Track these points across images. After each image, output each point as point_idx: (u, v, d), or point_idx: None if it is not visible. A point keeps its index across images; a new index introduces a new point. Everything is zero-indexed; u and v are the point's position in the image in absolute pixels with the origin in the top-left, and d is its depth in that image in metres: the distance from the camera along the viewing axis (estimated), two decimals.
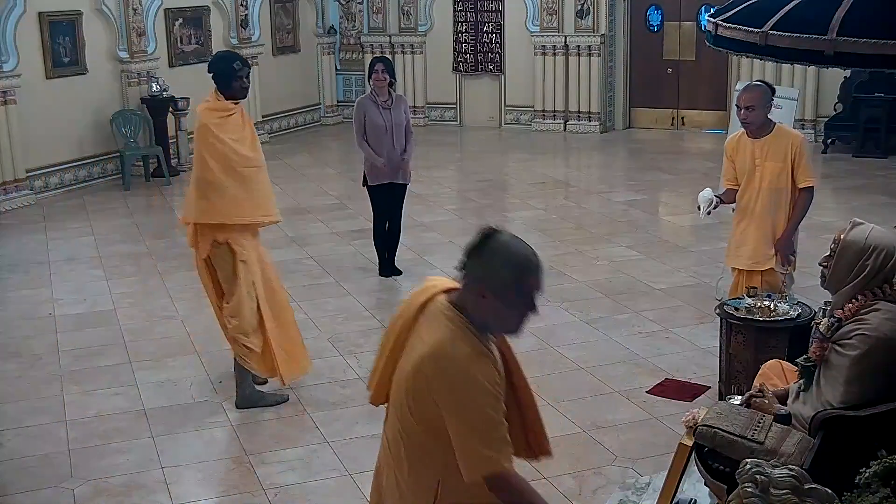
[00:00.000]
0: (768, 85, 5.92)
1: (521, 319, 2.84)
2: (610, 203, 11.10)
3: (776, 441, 3.85)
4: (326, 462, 5.33)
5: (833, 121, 13.45)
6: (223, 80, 5.82)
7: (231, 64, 5.84)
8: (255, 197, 5.84)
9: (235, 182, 5.74)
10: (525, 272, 2.78)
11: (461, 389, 2.73)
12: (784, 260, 5.91)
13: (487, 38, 15.53)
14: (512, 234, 2.86)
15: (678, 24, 14.92)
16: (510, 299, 2.78)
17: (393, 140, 8.17)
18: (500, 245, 2.79)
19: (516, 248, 2.79)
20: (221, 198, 5.72)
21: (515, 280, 2.77)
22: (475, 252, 2.80)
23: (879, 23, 3.32)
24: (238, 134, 5.83)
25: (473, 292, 2.80)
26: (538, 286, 2.81)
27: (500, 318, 2.82)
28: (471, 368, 2.74)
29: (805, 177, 5.83)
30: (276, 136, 15.35)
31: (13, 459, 5.42)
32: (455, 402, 2.74)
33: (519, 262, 2.78)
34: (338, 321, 7.44)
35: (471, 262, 2.81)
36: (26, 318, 7.70)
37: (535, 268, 2.81)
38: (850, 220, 4.09)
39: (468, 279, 2.82)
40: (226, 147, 5.73)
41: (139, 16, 12.75)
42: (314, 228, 10.13)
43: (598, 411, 5.85)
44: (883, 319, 3.84)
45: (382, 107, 8.17)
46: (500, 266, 2.76)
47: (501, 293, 2.76)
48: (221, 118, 5.80)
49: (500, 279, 2.76)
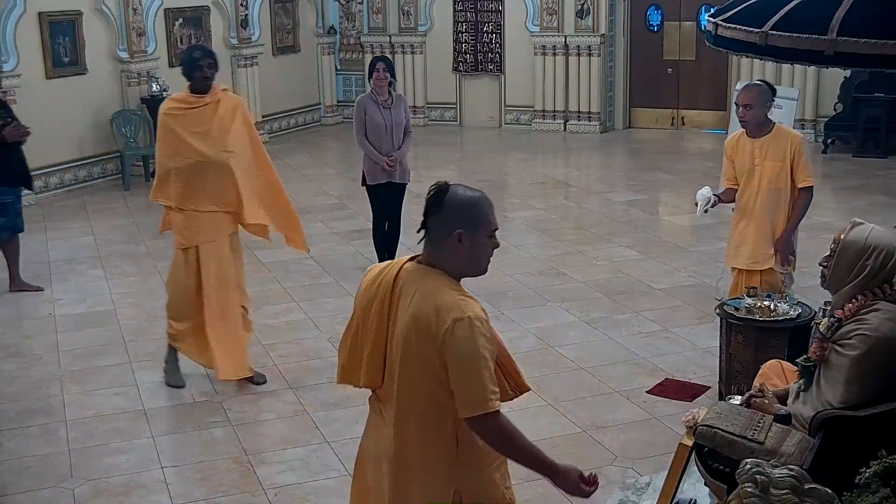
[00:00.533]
0: (768, 85, 5.92)
1: (489, 255, 3.14)
2: (610, 203, 11.10)
3: (776, 441, 3.85)
4: (326, 462, 5.33)
5: (833, 121, 13.45)
6: (186, 70, 5.99)
7: (191, 54, 6.01)
8: (206, 188, 5.95)
9: (184, 170, 5.92)
10: (487, 210, 3.10)
11: (460, 333, 2.94)
12: (784, 260, 5.91)
13: (487, 38, 15.53)
14: (460, 183, 3.16)
15: (678, 24, 14.92)
16: (482, 238, 3.07)
17: (392, 140, 8.17)
18: (459, 194, 3.08)
19: (472, 193, 3.11)
20: (168, 182, 5.97)
21: (483, 217, 3.08)
22: (438, 208, 3.05)
23: (879, 23, 3.32)
24: (201, 127, 5.94)
25: (447, 243, 3.05)
26: (496, 221, 3.14)
27: (475, 258, 3.09)
28: (466, 310, 2.97)
29: (804, 176, 5.83)
30: (276, 136, 15.35)
31: (13, 459, 5.42)
32: (455, 345, 2.94)
33: (481, 203, 3.10)
34: (338, 321, 7.43)
35: (437, 217, 3.06)
36: (26, 318, 7.70)
37: (491, 204, 3.15)
38: (850, 220, 4.09)
39: (437, 234, 3.07)
40: (176, 138, 5.91)
41: (139, 16, 12.76)
42: (314, 228, 10.11)
43: (598, 411, 5.85)
44: (883, 319, 3.84)
45: (383, 106, 8.16)
46: (468, 210, 3.06)
47: (475, 233, 3.05)
48: (181, 110, 5.96)
49: (471, 221, 3.05)
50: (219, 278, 6.07)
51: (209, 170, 5.92)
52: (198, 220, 6.00)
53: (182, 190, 5.95)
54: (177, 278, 6.12)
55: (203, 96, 5.97)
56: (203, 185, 5.94)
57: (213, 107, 5.97)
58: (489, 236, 3.10)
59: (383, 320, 3.15)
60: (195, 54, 5.99)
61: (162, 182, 6.03)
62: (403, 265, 3.17)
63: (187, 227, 6.03)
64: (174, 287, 6.17)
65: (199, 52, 6.02)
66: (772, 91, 5.88)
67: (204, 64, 5.91)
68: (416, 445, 3.12)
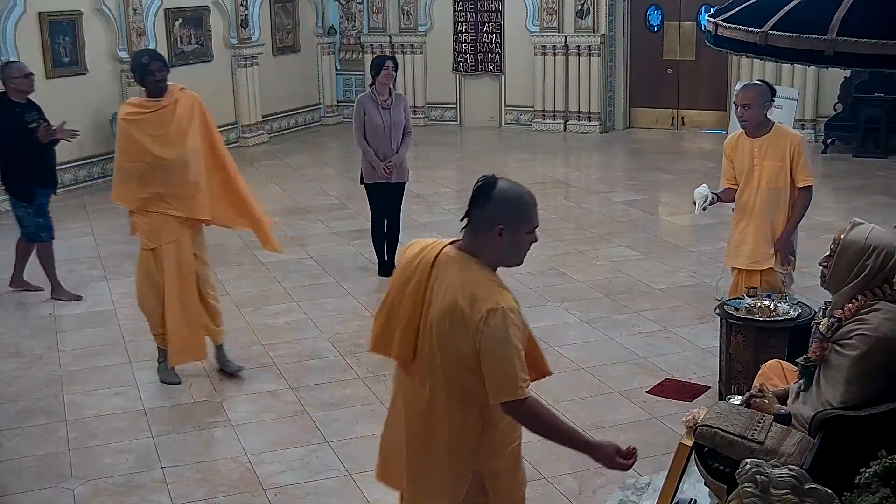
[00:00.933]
0: (768, 85, 5.92)
1: (527, 249, 3.27)
2: (610, 203, 11.10)
3: (776, 441, 3.85)
4: (326, 462, 5.33)
5: (833, 121, 13.45)
6: (138, 77, 6.09)
7: (140, 59, 6.09)
8: (166, 191, 6.02)
9: (143, 174, 6.00)
10: (531, 208, 3.23)
11: (493, 322, 3.06)
12: (784, 259, 5.91)
13: (487, 38, 15.53)
14: (508, 179, 3.26)
15: (678, 24, 14.92)
16: (522, 234, 3.20)
17: (391, 140, 8.19)
18: (506, 189, 3.19)
19: (519, 189, 3.23)
20: (128, 185, 6.07)
21: (526, 215, 3.20)
22: (484, 200, 3.16)
23: (879, 23, 3.32)
24: (160, 131, 6.00)
25: (487, 235, 3.16)
26: (537, 218, 3.28)
27: (513, 251, 3.22)
28: (500, 301, 3.10)
29: (804, 176, 5.82)
30: (276, 136, 15.36)
31: (13, 459, 5.42)
32: (489, 335, 3.07)
33: (525, 201, 3.22)
34: (338, 321, 7.44)
35: (482, 210, 3.17)
36: (26, 318, 7.70)
37: (535, 202, 3.27)
38: (850, 220, 4.09)
39: (479, 225, 3.18)
40: (134, 142, 5.98)
41: (139, 16, 12.76)
42: (314, 228, 10.13)
43: (598, 411, 5.85)
44: (883, 319, 3.83)
45: (382, 106, 8.18)
46: (513, 206, 3.18)
47: (516, 228, 3.17)
48: (139, 114, 6.03)
49: (513, 218, 3.17)
50: (180, 276, 6.17)
51: (168, 172, 5.99)
52: (159, 222, 6.09)
53: (142, 193, 6.03)
54: (146, 278, 6.21)
55: (159, 100, 6.03)
56: (163, 188, 6.02)
57: (171, 108, 6.03)
58: (528, 233, 3.23)
59: (418, 301, 3.25)
60: (143, 59, 6.07)
61: (122, 185, 6.12)
62: (443, 249, 3.26)
63: (151, 228, 6.12)
64: (144, 287, 6.24)
65: (146, 58, 6.10)
66: (771, 91, 5.87)
67: (154, 68, 5.98)
68: (444, 429, 3.25)
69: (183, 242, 6.16)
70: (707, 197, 5.95)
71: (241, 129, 14.73)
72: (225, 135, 14.48)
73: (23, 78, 7.69)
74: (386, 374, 6.46)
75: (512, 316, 3.09)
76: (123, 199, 6.14)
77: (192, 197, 6.07)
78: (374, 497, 4.94)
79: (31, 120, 7.72)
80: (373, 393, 6.16)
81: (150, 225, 6.10)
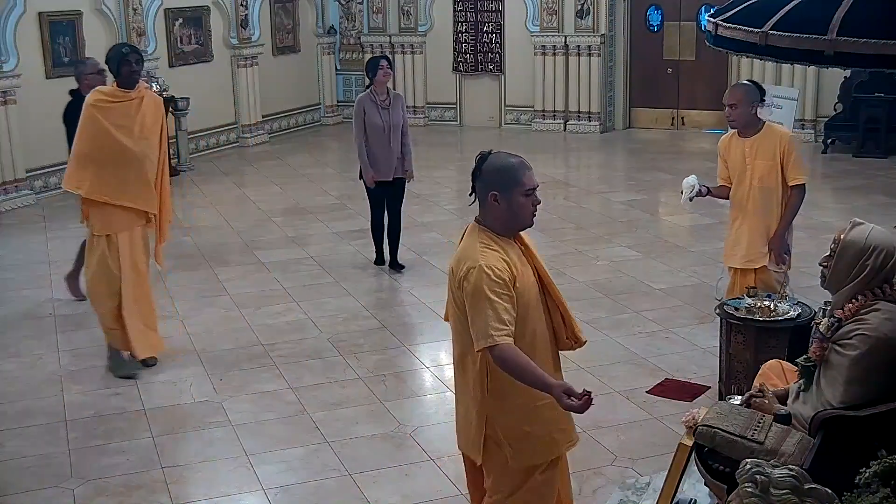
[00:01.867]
0: (757, 85, 5.89)
1: (531, 209, 3.57)
2: (610, 203, 11.11)
3: (776, 441, 3.85)
4: (326, 462, 5.33)
5: (833, 121, 13.44)
6: (114, 66, 6.19)
7: (120, 50, 6.27)
8: (121, 181, 6.18)
9: (103, 162, 6.13)
10: (519, 171, 3.52)
11: (473, 277, 3.42)
12: (778, 259, 5.89)
13: (487, 38, 15.53)
14: (499, 151, 3.61)
15: (678, 24, 14.91)
16: (517, 197, 3.50)
17: (391, 140, 8.24)
18: (495, 158, 3.56)
19: (506, 157, 3.56)
20: (86, 171, 6.18)
21: (514, 179, 3.50)
22: (478, 172, 3.54)
23: (879, 23, 3.32)
24: (125, 122, 6.17)
25: (488, 202, 3.52)
26: (532, 181, 3.55)
27: (514, 214, 3.54)
28: (478, 260, 3.44)
29: (795, 174, 5.80)
30: (276, 136, 15.35)
31: (13, 459, 5.42)
32: (470, 288, 3.43)
33: (512, 165, 3.54)
34: (338, 321, 7.44)
35: (478, 181, 3.54)
36: (26, 318, 7.70)
37: (525, 166, 3.56)
38: (850, 220, 4.09)
39: (480, 196, 3.54)
40: (100, 129, 6.10)
41: (139, 16, 12.75)
42: (314, 228, 10.13)
43: (598, 411, 5.80)
44: (883, 319, 3.84)
45: (381, 106, 8.23)
46: (501, 172, 3.51)
47: (508, 192, 3.49)
48: (108, 103, 6.16)
49: (504, 184, 3.49)
50: (132, 265, 6.35)
51: (127, 163, 6.16)
52: (111, 211, 6.24)
53: (98, 180, 6.16)
54: (98, 265, 6.31)
55: (129, 91, 6.21)
56: (119, 177, 6.17)
57: (138, 102, 6.23)
58: (525, 195, 3.51)
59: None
60: (124, 49, 6.28)
61: (79, 170, 6.22)
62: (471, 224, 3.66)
63: (103, 215, 6.26)
64: (97, 275, 6.35)
65: (127, 48, 6.30)
66: (760, 90, 5.84)
67: (132, 60, 6.17)
68: (461, 376, 3.69)
69: (135, 234, 6.35)
70: (694, 187, 5.95)
71: (241, 129, 14.72)
72: (225, 135, 14.53)
73: (96, 74, 7.67)
74: (386, 374, 6.48)
75: (488, 272, 3.40)
76: (77, 184, 6.22)
77: (145, 190, 6.27)
78: (374, 497, 4.95)
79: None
80: (373, 393, 6.16)
81: (102, 212, 6.25)
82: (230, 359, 6.73)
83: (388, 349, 6.92)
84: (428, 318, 7.41)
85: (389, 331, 7.24)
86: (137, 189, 6.24)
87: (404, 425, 5.74)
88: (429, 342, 7.03)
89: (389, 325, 7.34)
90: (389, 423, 5.75)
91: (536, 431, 3.61)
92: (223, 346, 6.98)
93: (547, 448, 3.67)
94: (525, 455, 3.62)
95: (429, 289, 8.00)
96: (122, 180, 6.18)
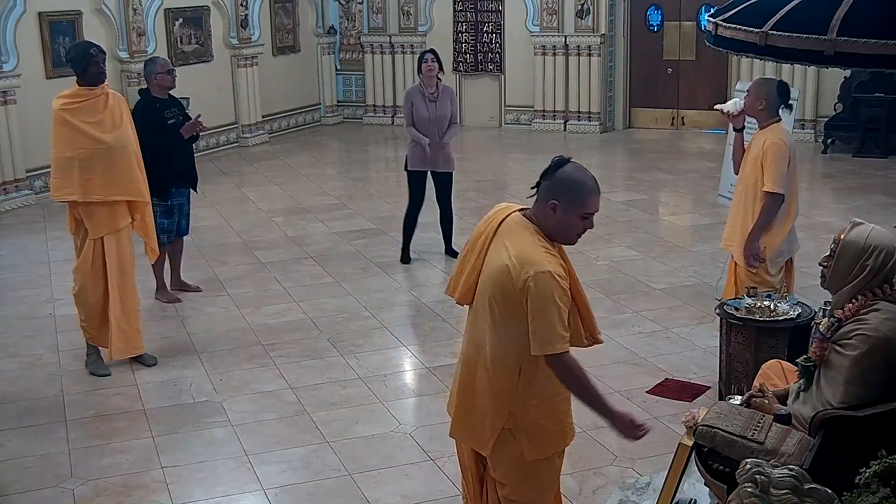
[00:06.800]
0: (783, 85, 5.82)
1: (579, 232, 3.57)
2: (610, 203, 11.09)
3: (776, 441, 3.85)
4: (326, 462, 5.33)
5: (833, 121, 13.44)
6: (79, 64, 6.25)
7: (88, 50, 6.31)
8: (108, 177, 6.20)
9: (85, 162, 6.14)
10: (588, 194, 3.50)
11: (540, 283, 3.41)
12: (747, 261, 5.81)
13: (487, 38, 15.53)
14: (578, 163, 3.55)
15: (678, 24, 14.91)
16: (574, 217, 3.50)
17: (437, 132, 8.54)
18: (572, 169, 3.52)
19: (581, 175, 3.52)
20: (70, 175, 6.16)
21: (580, 199, 3.49)
22: (549, 175, 3.51)
23: (879, 23, 3.32)
24: (95, 117, 6.22)
25: (546, 207, 3.50)
26: (596, 206, 3.54)
27: (563, 228, 3.54)
28: (546, 265, 3.44)
29: (766, 180, 5.66)
30: (276, 136, 15.35)
31: (13, 459, 5.42)
32: (535, 292, 3.41)
33: (586, 185, 3.50)
34: (338, 321, 7.44)
35: (545, 183, 3.52)
36: (26, 318, 7.70)
37: (595, 190, 3.53)
38: (850, 220, 4.09)
39: (542, 195, 3.52)
40: (74, 130, 6.13)
41: (139, 16, 12.75)
42: (314, 228, 10.12)
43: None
44: (883, 319, 3.84)
45: (429, 99, 8.55)
46: (571, 186, 3.49)
47: (568, 208, 3.48)
48: (75, 103, 6.20)
49: (569, 198, 3.48)
50: (119, 266, 6.39)
51: (108, 156, 6.19)
52: (100, 212, 6.26)
53: (84, 180, 6.17)
54: (92, 271, 6.35)
55: (94, 89, 6.26)
56: (105, 172, 6.19)
57: (104, 98, 6.30)
58: (583, 217, 3.52)
59: (481, 254, 3.61)
60: (92, 50, 6.31)
61: (63, 177, 6.20)
62: (511, 214, 3.61)
63: (95, 218, 6.28)
64: (87, 280, 6.39)
65: (95, 49, 6.33)
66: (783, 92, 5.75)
67: (100, 59, 6.25)
68: (488, 370, 3.60)
69: (121, 235, 6.37)
70: (736, 103, 6.00)
71: (241, 129, 14.72)
72: (225, 135, 14.53)
73: (165, 74, 7.65)
74: (386, 374, 6.48)
75: (557, 279, 3.44)
76: (66, 190, 6.20)
77: (134, 178, 6.29)
78: (374, 497, 4.95)
79: (170, 116, 7.71)
80: (373, 393, 6.16)
81: (92, 215, 6.26)
82: (230, 359, 6.73)
83: (388, 349, 6.92)
84: (428, 318, 7.41)
85: (389, 331, 7.24)
86: (126, 179, 6.25)
87: (404, 425, 5.74)
88: (429, 342, 7.03)
89: (389, 325, 7.34)
90: (389, 423, 5.75)
91: (551, 425, 3.69)
92: (223, 346, 6.98)
93: (558, 439, 3.76)
94: (539, 447, 3.68)
95: (429, 289, 7.99)
96: (109, 175, 6.19)
